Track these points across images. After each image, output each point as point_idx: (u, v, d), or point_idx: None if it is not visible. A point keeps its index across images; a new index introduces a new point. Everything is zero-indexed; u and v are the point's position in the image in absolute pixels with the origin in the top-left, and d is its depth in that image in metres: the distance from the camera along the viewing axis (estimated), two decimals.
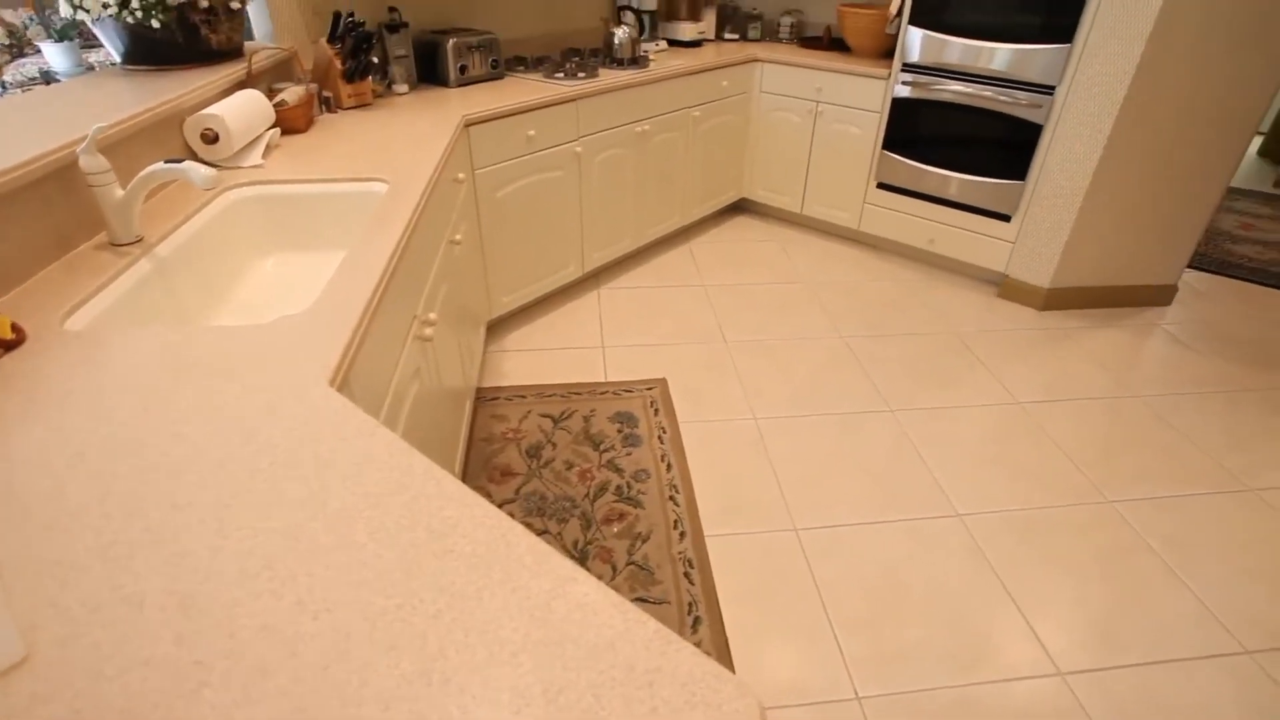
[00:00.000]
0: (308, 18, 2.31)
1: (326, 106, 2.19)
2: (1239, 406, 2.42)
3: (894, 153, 3.17)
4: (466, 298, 2.15)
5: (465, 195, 2.18)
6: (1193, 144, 2.69)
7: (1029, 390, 2.47)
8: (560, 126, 2.52)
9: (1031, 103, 2.73)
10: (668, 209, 3.26)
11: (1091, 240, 2.85)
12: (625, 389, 2.39)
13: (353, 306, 1.05)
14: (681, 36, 3.42)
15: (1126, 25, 2.44)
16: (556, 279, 2.81)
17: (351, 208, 1.62)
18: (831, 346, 2.68)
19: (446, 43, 2.47)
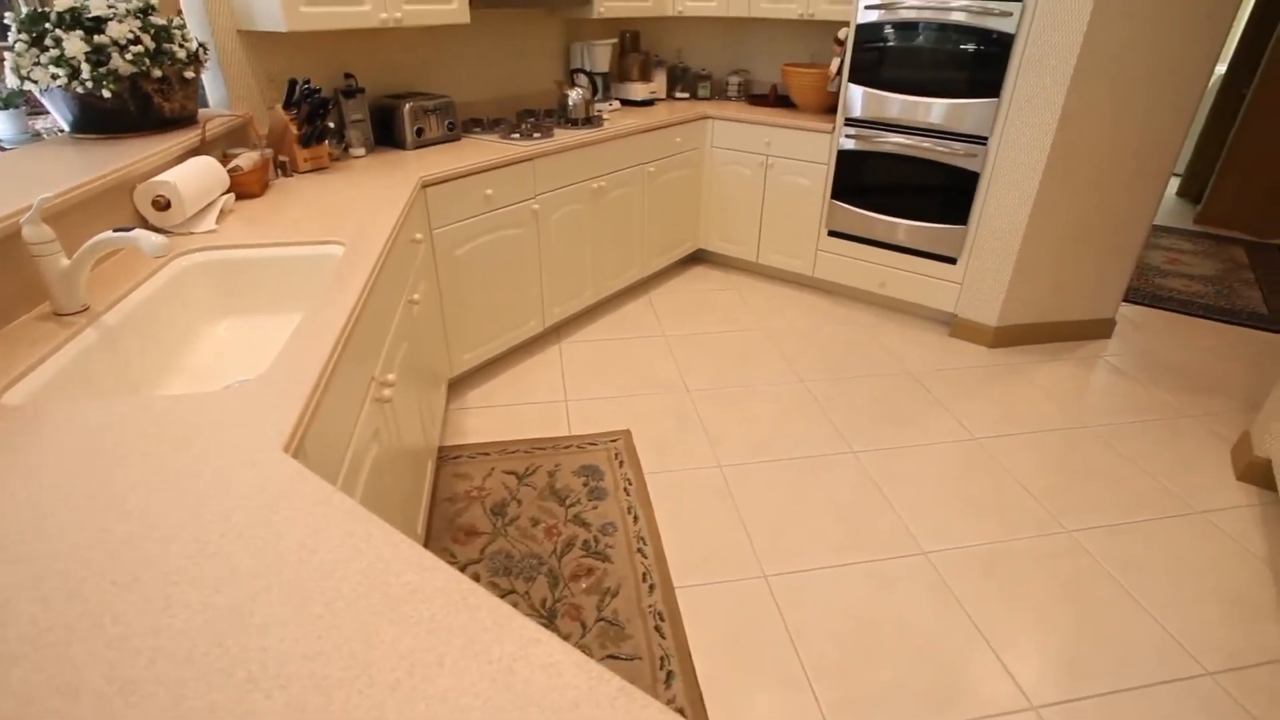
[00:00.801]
0: (263, 85, 2.33)
1: (282, 171, 2.20)
2: (1180, 432, 2.52)
3: (843, 201, 3.30)
4: (426, 356, 2.14)
5: (423, 254, 2.19)
6: (1117, 187, 2.86)
7: (984, 425, 2.53)
8: (517, 185, 2.57)
9: (967, 152, 2.89)
10: (626, 262, 3.32)
11: (1032, 279, 2.99)
12: (589, 442, 2.38)
13: (308, 370, 1.04)
14: (634, 96, 3.55)
15: (1046, 81, 2.62)
16: (517, 334, 2.82)
17: (307, 271, 1.61)
18: (792, 391, 2.72)
19: (403, 107, 2.52)
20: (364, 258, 1.48)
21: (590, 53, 3.38)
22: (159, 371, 1.36)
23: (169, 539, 0.71)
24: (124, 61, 1.75)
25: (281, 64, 2.36)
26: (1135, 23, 2.53)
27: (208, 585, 0.66)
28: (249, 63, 2.27)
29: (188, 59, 1.92)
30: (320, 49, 2.46)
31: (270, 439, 0.87)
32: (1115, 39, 2.54)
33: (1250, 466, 2.26)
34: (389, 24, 2.31)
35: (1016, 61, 2.67)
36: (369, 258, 1.48)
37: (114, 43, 1.74)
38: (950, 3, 2.73)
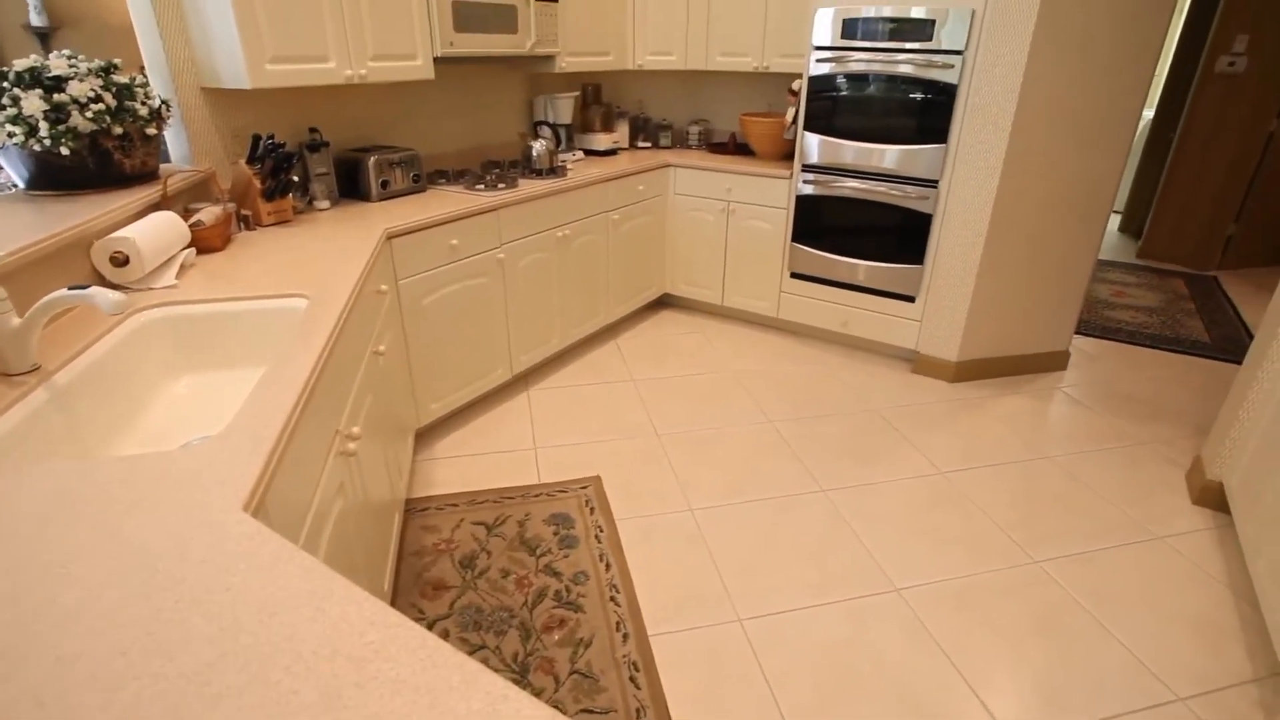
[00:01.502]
0: (227, 140, 2.34)
1: (245, 225, 2.19)
2: (1137, 459, 2.59)
3: (803, 244, 3.39)
4: (393, 407, 2.11)
5: (389, 305, 2.19)
6: (1061, 225, 3.00)
7: (949, 459, 2.57)
8: (483, 235, 2.59)
9: (920, 195, 3.01)
10: (593, 308, 3.35)
11: (988, 315, 3.09)
12: (559, 489, 2.36)
13: (270, 426, 1.02)
14: (597, 146, 3.63)
15: (989, 128, 2.76)
16: (485, 383, 2.80)
17: (270, 324, 1.60)
18: (760, 432, 2.74)
19: (368, 160, 2.54)
20: (328, 310, 1.47)
21: (553, 105, 3.47)
22: (113, 431, 1.33)
23: (119, 608, 0.69)
24: (84, 119, 1.75)
25: (246, 119, 2.38)
26: (1066, 73, 2.69)
27: (160, 654, 0.63)
28: (213, 119, 2.29)
29: (150, 116, 1.93)
30: (285, 104, 2.48)
31: (229, 498, 0.85)
32: (1049, 89, 2.69)
33: (1204, 490, 2.33)
34: (354, 80, 2.35)
35: (960, 110, 2.81)
36: (333, 310, 1.48)
37: (74, 101, 1.74)
38: (896, 56, 2.88)
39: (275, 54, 2.11)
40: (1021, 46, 2.60)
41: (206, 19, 2.07)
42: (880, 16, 2.87)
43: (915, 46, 2.82)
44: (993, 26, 2.64)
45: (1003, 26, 2.62)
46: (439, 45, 2.58)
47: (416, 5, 2.48)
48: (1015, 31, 2.60)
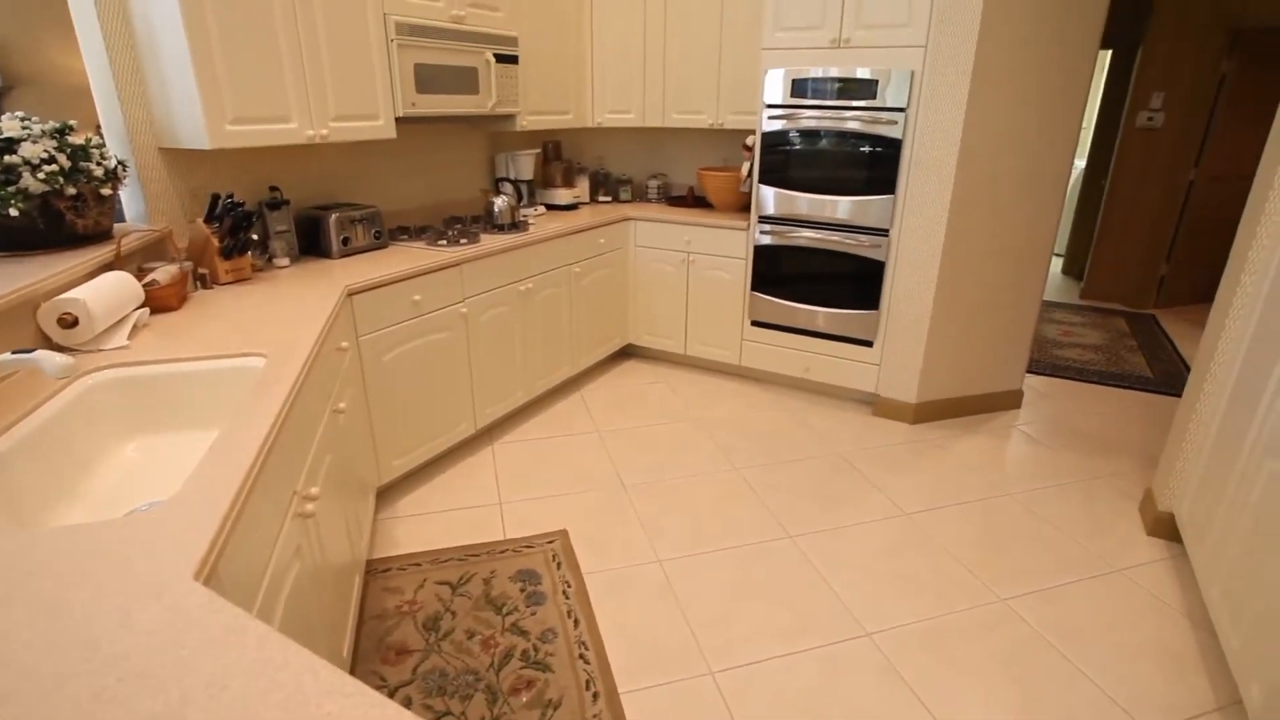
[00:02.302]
0: (184, 199, 2.32)
1: (202, 283, 2.16)
2: (1092, 493, 2.66)
3: (762, 293, 3.47)
4: (353, 466, 2.07)
5: (350, 362, 2.17)
6: (1007, 269, 3.13)
7: (914, 501, 2.61)
8: (445, 290, 2.60)
9: (873, 244, 3.12)
10: (557, 360, 3.35)
11: (944, 357, 3.18)
12: (525, 545, 2.32)
13: (224, 489, 1.00)
14: (558, 201, 3.70)
15: (933, 179, 2.90)
16: (449, 438, 2.76)
17: (225, 384, 1.57)
18: (727, 480, 2.75)
19: (329, 217, 2.55)
20: (286, 369, 1.46)
21: (514, 162, 3.54)
22: (56, 500, 1.27)
23: (55, 688, 0.65)
24: (35, 180, 1.73)
25: (204, 179, 2.37)
26: (1001, 128, 2.85)
27: None
28: (170, 178, 2.27)
29: (105, 176, 1.91)
30: (245, 163, 2.49)
31: (179, 567, 0.82)
32: (987, 142, 2.85)
33: (1157, 521, 2.40)
34: (316, 140, 2.37)
35: (906, 163, 2.95)
36: (292, 369, 1.46)
37: (26, 162, 1.72)
38: (844, 113, 3.02)
39: (236, 115, 2.12)
40: (958, 104, 2.76)
41: (166, 80, 2.08)
42: (827, 77, 3.02)
43: (861, 104, 2.97)
44: (931, 86, 2.81)
45: (940, 86, 2.79)
46: (401, 106, 2.62)
47: (379, 67, 2.54)
48: (951, 90, 2.76)
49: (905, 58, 2.84)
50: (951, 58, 2.74)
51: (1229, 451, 1.99)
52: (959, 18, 2.68)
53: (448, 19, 2.76)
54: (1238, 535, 1.81)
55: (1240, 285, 2.14)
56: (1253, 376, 1.95)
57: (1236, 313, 2.15)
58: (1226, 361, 2.16)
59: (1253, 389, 1.93)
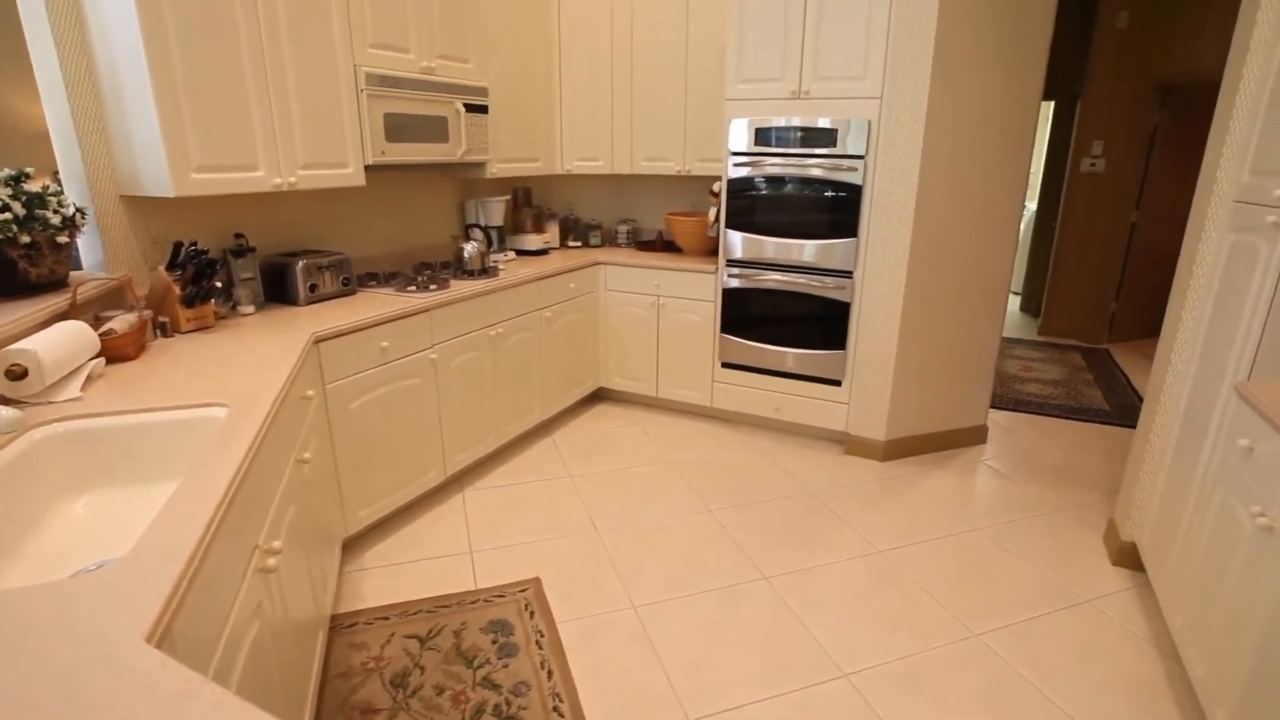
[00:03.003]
0: (145, 247, 2.29)
1: (162, 332, 2.12)
2: (1058, 526, 2.70)
3: (732, 335, 3.51)
4: (318, 517, 2.01)
5: (315, 411, 2.12)
6: (967, 307, 3.22)
7: (886, 538, 2.62)
8: (415, 336, 2.58)
9: (838, 285, 3.19)
10: (528, 405, 3.33)
11: (910, 394, 3.24)
12: (497, 594, 2.26)
13: (181, 545, 0.96)
14: (528, 247, 3.73)
15: (894, 222, 2.99)
16: (418, 486, 2.71)
17: (184, 436, 1.52)
18: (701, 522, 2.73)
19: (296, 264, 2.53)
20: (249, 419, 1.42)
21: (484, 208, 3.57)
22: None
23: None
24: None
25: (167, 226, 2.34)
26: (955, 173, 2.98)
27: None
28: (131, 225, 2.24)
29: (62, 224, 1.88)
30: (210, 210, 2.47)
31: (129, 629, 0.79)
32: (942, 186, 2.97)
33: (1120, 551, 2.44)
34: (283, 188, 2.37)
35: (867, 207, 3.05)
36: (255, 419, 1.42)
37: None
38: (807, 160, 3.12)
39: (201, 163, 2.11)
40: (914, 151, 2.88)
41: (130, 127, 2.06)
42: (790, 126, 3.13)
43: (823, 152, 3.08)
44: (888, 134, 2.92)
45: (896, 135, 2.91)
46: (370, 154, 2.64)
47: (348, 116, 2.56)
48: (907, 139, 2.88)
49: (862, 108, 2.96)
50: (905, 108, 2.86)
51: (1182, 481, 2.05)
52: (910, 72, 2.82)
53: (418, 70, 2.81)
54: (1195, 563, 1.85)
55: (1182, 322, 2.23)
56: (1200, 408, 2.02)
57: (1180, 347, 2.24)
58: (1175, 394, 2.24)
59: (1200, 420, 1.99)
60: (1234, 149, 2.07)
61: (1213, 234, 2.14)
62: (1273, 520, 1.49)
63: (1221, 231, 2.09)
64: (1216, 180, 2.13)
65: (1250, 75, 2.02)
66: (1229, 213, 2.06)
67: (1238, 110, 2.06)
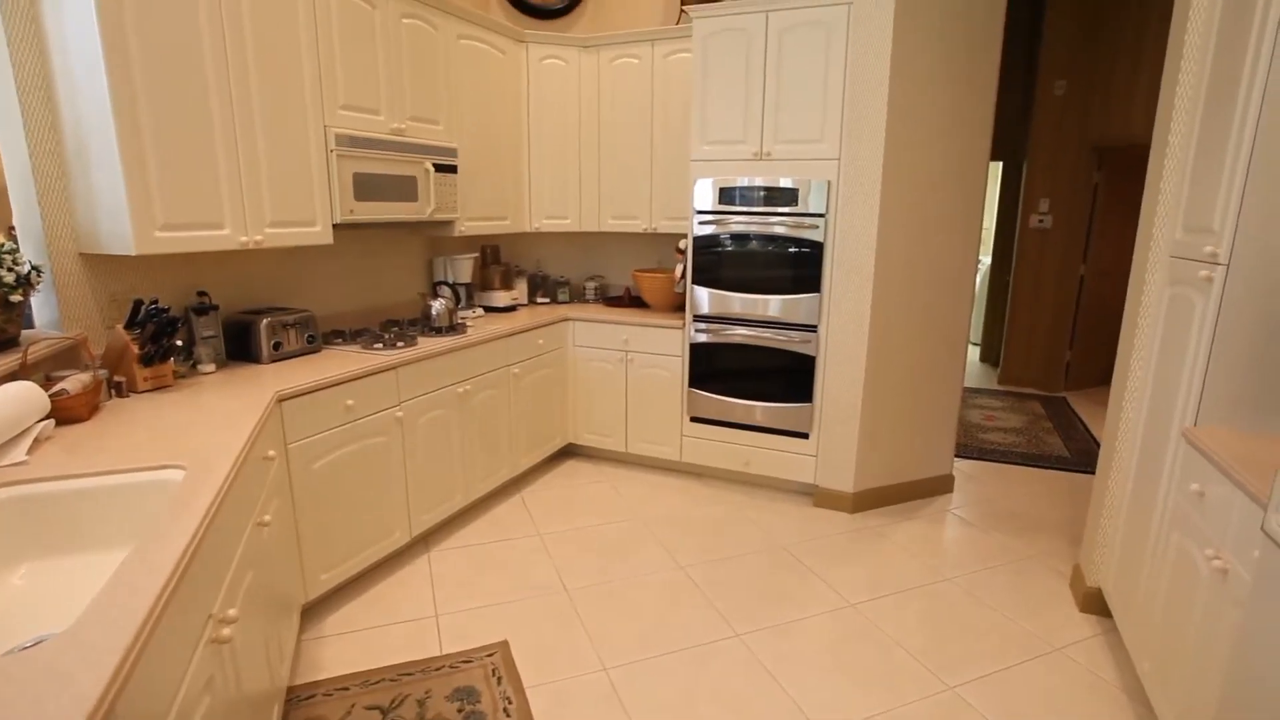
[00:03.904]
0: (103, 305, 2.25)
1: (117, 392, 2.06)
2: (1025, 574, 2.73)
3: (700, 389, 3.54)
4: (276, 582, 1.94)
5: (277, 471, 2.07)
6: (928, 359, 3.31)
7: (857, 591, 2.61)
8: (380, 394, 2.55)
9: (803, 339, 3.26)
10: (496, 462, 3.29)
11: (876, 445, 3.28)
12: (463, 660, 2.18)
13: (128, 619, 0.92)
14: (497, 303, 3.75)
15: (855, 278, 3.09)
16: (382, 547, 2.63)
17: (138, 500, 1.47)
18: (672, 579, 2.69)
19: (259, 322, 2.50)
20: (207, 482, 1.38)
21: (453, 265, 3.59)
22: None
23: None
24: None
25: (127, 284, 2.31)
26: (912, 229, 3.10)
27: None
28: (89, 284, 2.20)
29: (16, 282, 1.84)
30: (172, 267, 2.44)
31: (68, 711, 0.74)
32: (900, 243, 3.08)
33: (1087, 597, 2.46)
34: (249, 246, 2.36)
35: (829, 263, 3.15)
36: (213, 482, 1.38)
37: None
38: (770, 218, 3.23)
39: (166, 221, 2.10)
40: (872, 209, 3.00)
41: (93, 185, 2.05)
42: (753, 186, 3.24)
43: (785, 210, 3.19)
44: (847, 194, 3.05)
45: (855, 194, 3.03)
46: (339, 212, 2.66)
47: (317, 175, 2.58)
48: (865, 198, 3.01)
49: (822, 169, 3.09)
50: (863, 169, 2.99)
51: (1141, 525, 2.09)
52: (865, 135, 2.96)
53: (388, 131, 2.87)
54: (1158, 607, 1.88)
55: (1131, 371, 2.32)
56: (1152, 454, 2.09)
57: (1131, 396, 2.32)
58: (1128, 441, 2.31)
59: (1154, 465, 2.06)
60: (1166, 207, 2.21)
61: (1153, 287, 2.25)
62: (1226, 563, 1.52)
63: (1160, 285, 2.20)
64: (1153, 236, 2.25)
65: (1175, 140, 2.17)
66: (1166, 267, 2.17)
67: (1167, 171, 2.20)
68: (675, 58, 3.55)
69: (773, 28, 3.09)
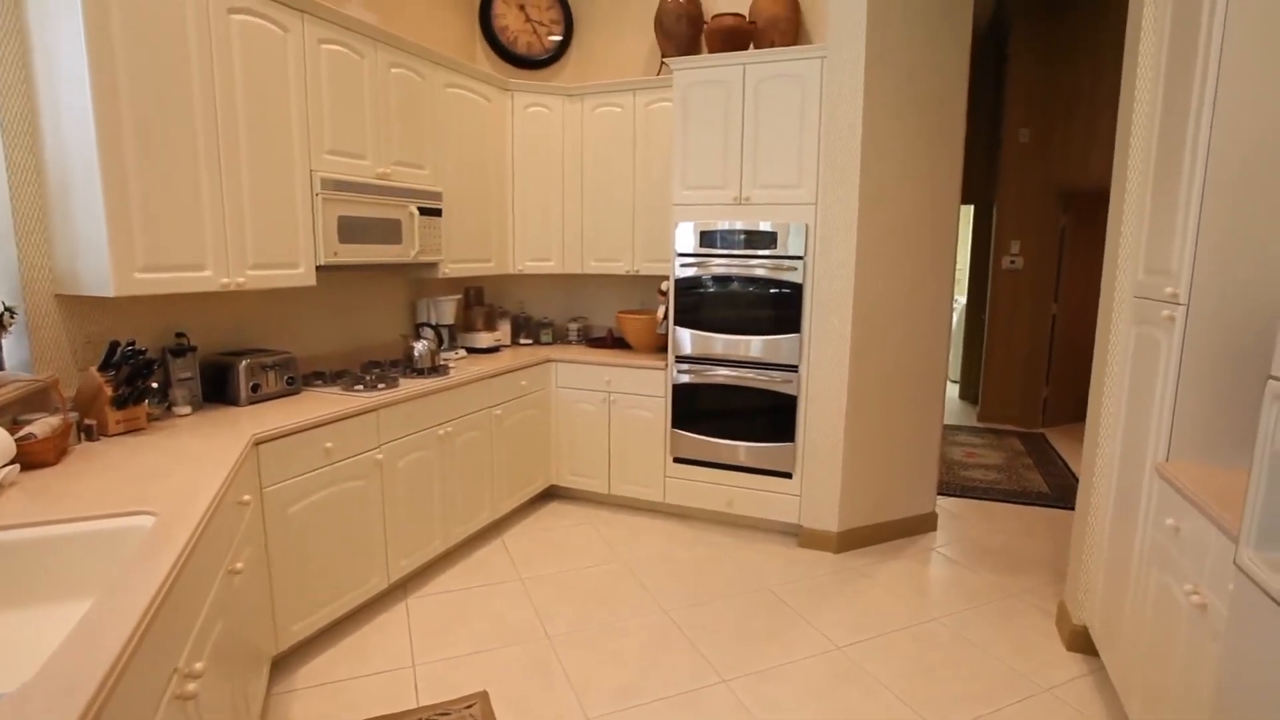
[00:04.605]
0: (77, 347, 2.21)
1: (87, 435, 2.02)
2: (1011, 612, 2.71)
3: (683, 429, 3.54)
4: (246, 633, 1.88)
5: (251, 516, 2.03)
6: (908, 397, 3.34)
7: (844, 633, 2.57)
8: (360, 436, 2.52)
9: (784, 379, 3.28)
10: (477, 505, 3.25)
11: (860, 484, 3.28)
12: (440, 712, 2.11)
13: (88, 675, 0.88)
14: (479, 345, 3.75)
15: (834, 319, 3.14)
16: (358, 594, 2.57)
17: (104, 548, 1.43)
18: (657, 624, 2.65)
19: (238, 364, 2.47)
20: (178, 529, 1.35)
21: (436, 307, 3.59)
22: None
23: None
24: None
25: (103, 325, 2.28)
26: (888, 270, 3.16)
27: None
28: (64, 325, 2.17)
29: None
30: (149, 309, 2.41)
31: None
32: (877, 284, 3.15)
33: (1073, 635, 2.45)
34: (230, 288, 2.35)
35: (809, 304, 3.19)
36: (184, 528, 1.35)
37: None
38: (750, 260, 3.28)
39: (147, 263, 2.09)
40: (849, 252, 3.06)
41: (74, 226, 2.03)
42: (733, 229, 3.31)
43: (765, 253, 3.25)
44: (824, 237, 3.11)
45: (832, 237, 3.10)
46: (323, 255, 2.66)
47: (302, 218, 2.59)
48: (843, 240, 3.07)
49: (800, 213, 3.16)
50: (839, 213, 3.07)
51: (1122, 562, 2.10)
52: (841, 180, 3.05)
53: (374, 176, 2.90)
54: (1144, 644, 1.88)
55: (1103, 408, 2.36)
56: (1129, 489, 2.11)
57: (1105, 432, 2.36)
58: (1105, 477, 2.34)
59: (1130, 501, 2.08)
60: (1128, 249, 2.28)
61: (1119, 326, 2.31)
62: (1205, 598, 1.53)
63: (1127, 324, 2.26)
64: (1117, 278, 2.32)
65: (1132, 186, 2.25)
66: (1131, 307, 2.23)
67: (1127, 215, 2.28)
68: (656, 106, 3.65)
69: (750, 79, 3.19)
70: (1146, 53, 2.19)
